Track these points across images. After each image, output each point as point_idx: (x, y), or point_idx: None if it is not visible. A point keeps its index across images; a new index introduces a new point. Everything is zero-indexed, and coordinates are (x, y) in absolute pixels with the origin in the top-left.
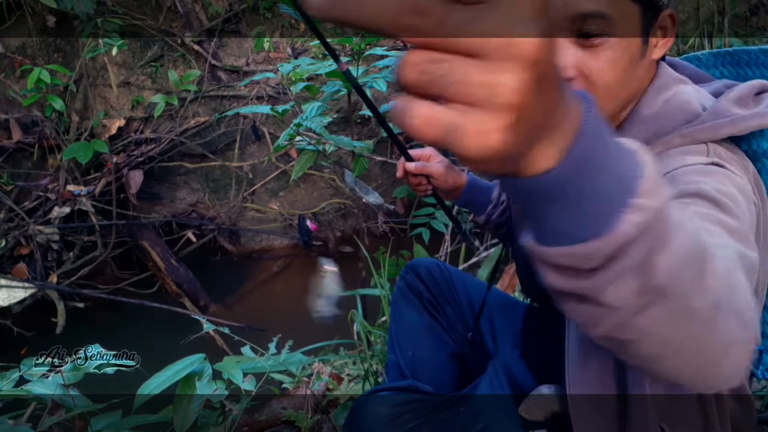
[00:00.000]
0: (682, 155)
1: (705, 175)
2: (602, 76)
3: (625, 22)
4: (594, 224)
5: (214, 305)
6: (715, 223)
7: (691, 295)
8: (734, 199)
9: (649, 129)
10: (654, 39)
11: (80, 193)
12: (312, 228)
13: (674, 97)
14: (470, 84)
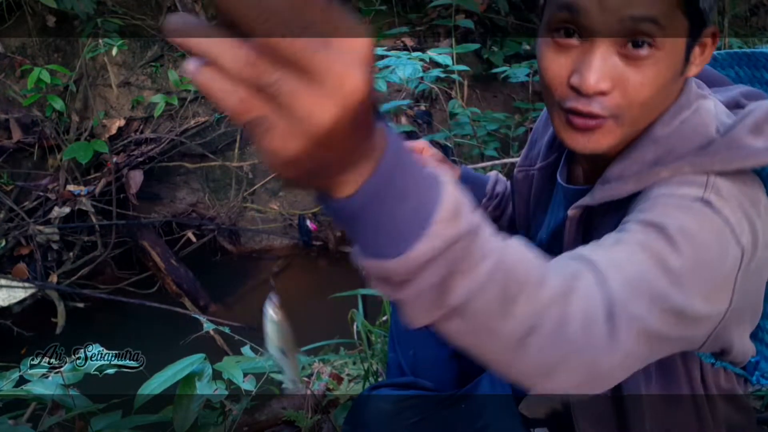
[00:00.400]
0: (678, 184)
1: (682, 211)
2: (641, 92)
3: (674, 32)
4: (393, 246)
5: (214, 305)
6: (652, 257)
7: (493, 318)
8: (698, 243)
9: (661, 149)
10: (694, 56)
11: (80, 193)
12: (312, 228)
13: (691, 118)
14: (293, 101)
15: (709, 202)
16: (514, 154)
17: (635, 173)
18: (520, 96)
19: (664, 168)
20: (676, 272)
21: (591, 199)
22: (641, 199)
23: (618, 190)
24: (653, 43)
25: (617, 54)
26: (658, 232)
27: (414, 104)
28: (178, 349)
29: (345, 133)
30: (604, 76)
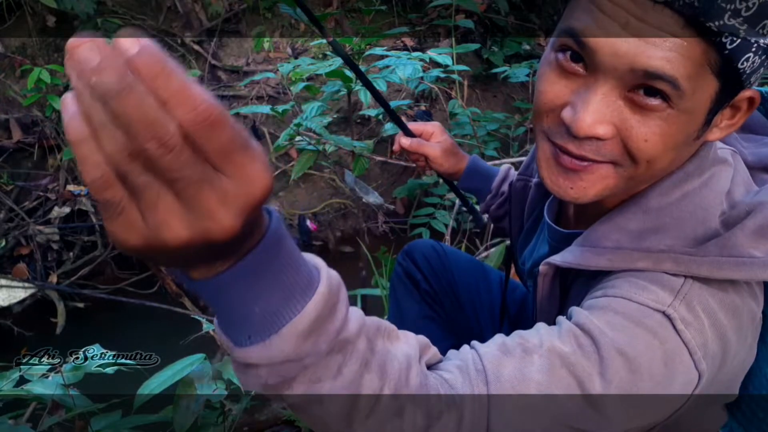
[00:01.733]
0: (649, 282)
1: (630, 327)
2: (644, 147)
3: (696, 97)
4: (237, 336)
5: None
6: (572, 375)
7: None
8: (635, 367)
9: (649, 223)
10: (720, 118)
11: (80, 193)
12: (312, 228)
13: (695, 194)
14: (151, 208)
15: (671, 318)
16: (514, 154)
17: (614, 247)
18: (520, 96)
19: (645, 256)
20: (594, 399)
21: (561, 260)
22: (607, 283)
23: (589, 261)
24: (669, 97)
25: (624, 98)
26: (592, 348)
27: (414, 104)
28: (178, 349)
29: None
30: (602, 119)
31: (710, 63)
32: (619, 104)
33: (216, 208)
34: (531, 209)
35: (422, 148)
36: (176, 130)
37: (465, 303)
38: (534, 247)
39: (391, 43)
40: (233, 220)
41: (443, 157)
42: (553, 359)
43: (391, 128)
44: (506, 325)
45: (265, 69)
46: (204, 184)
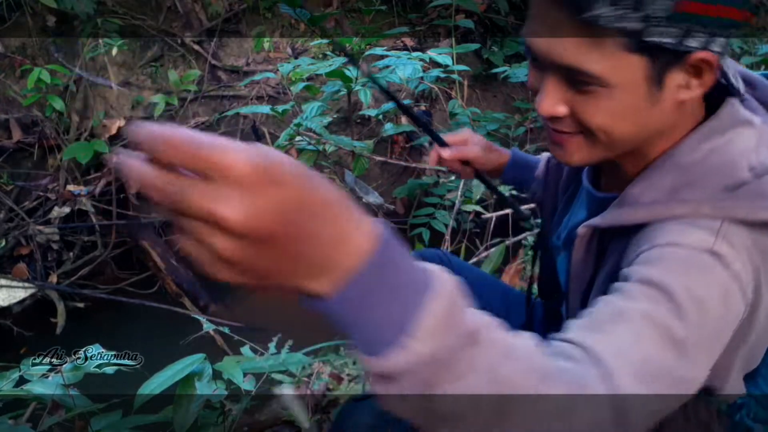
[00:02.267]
0: (688, 226)
1: (690, 270)
2: (592, 121)
3: (624, 75)
4: (370, 347)
5: (214, 305)
6: (658, 331)
7: (489, 427)
8: (705, 308)
9: (682, 178)
10: (681, 80)
11: (80, 193)
12: None
13: (722, 149)
14: (201, 240)
15: (719, 255)
16: None
17: (651, 202)
18: (520, 96)
19: (682, 204)
20: (682, 343)
21: (601, 220)
22: (650, 235)
23: (629, 216)
24: (597, 83)
25: (569, 82)
26: (664, 297)
27: (414, 104)
28: (178, 349)
29: (257, 254)
30: (556, 103)
31: (622, 44)
32: (566, 89)
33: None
34: (566, 184)
35: (464, 153)
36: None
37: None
38: (570, 219)
39: (391, 43)
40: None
41: (485, 156)
42: (636, 324)
43: (391, 128)
44: None
45: (265, 69)
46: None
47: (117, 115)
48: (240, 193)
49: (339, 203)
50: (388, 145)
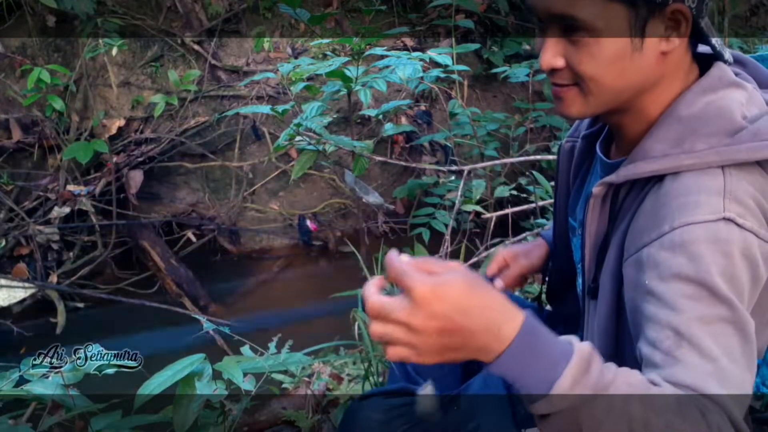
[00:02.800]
0: (694, 195)
1: (713, 251)
2: (585, 69)
3: (609, 23)
4: (529, 399)
5: (214, 305)
6: (716, 321)
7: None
8: (739, 282)
9: (684, 128)
10: (661, 31)
11: (80, 193)
12: (312, 228)
13: (717, 101)
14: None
15: (731, 219)
16: (514, 153)
17: (660, 155)
18: (520, 96)
19: (690, 155)
20: (740, 328)
21: (616, 176)
22: (663, 202)
23: (641, 168)
24: (587, 29)
25: (564, 37)
26: (706, 293)
27: (414, 104)
28: (178, 349)
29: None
30: (554, 56)
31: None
32: (562, 42)
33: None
34: (578, 165)
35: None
36: None
37: None
38: (585, 193)
39: (391, 43)
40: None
41: (530, 261)
42: (700, 332)
43: (391, 128)
44: None
45: (265, 69)
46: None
47: (117, 115)
48: (415, 306)
49: (492, 305)
50: (388, 145)
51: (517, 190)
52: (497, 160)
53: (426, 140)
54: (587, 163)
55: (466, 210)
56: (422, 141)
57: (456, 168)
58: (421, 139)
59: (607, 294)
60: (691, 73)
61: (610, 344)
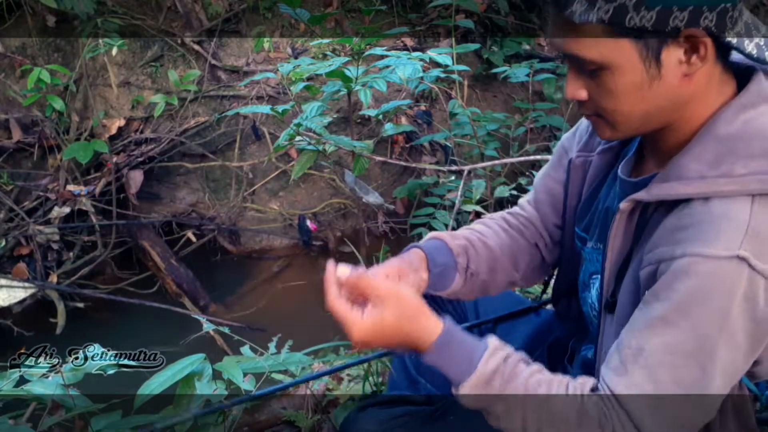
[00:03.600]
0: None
1: (712, 286)
2: (606, 104)
3: (619, 57)
4: (453, 384)
5: (214, 305)
6: (682, 353)
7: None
8: (730, 319)
9: (722, 148)
10: (680, 55)
11: (80, 193)
12: (312, 228)
13: (756, 119)
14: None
15: (745, 260)
16: (514, 153)
17: (697, 177)
18: (520, 96)
19: (728, 179)
20: (706, 359)
21: (647, 194)
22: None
23: (676, 190)
24: (598, 66)
25: (585, 72)
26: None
27: (414, 104)
28: (178, 349)
29: (373, 344)
30: (577, 89)
31: (607, 31)
32: (583, 77)
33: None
34: (592, 179)
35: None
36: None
37: (468, 309)
38: (596, 205)
39: (391, 43)
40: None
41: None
42: (656, 355)
43: (391, 128)
44: (544, 353)
45: (265, 69)
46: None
47: (117, 115)
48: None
49: (419, 314)
50: (388, 145)
51: (517, 190)
52: (497, 160)
53: (426, 140)
54: (600, 180)
55: (466, 210)
56: (422, 141)
57: (456, 168)
58: (421, 139)
59: (625, 309)
60: (726, 86)
61: None
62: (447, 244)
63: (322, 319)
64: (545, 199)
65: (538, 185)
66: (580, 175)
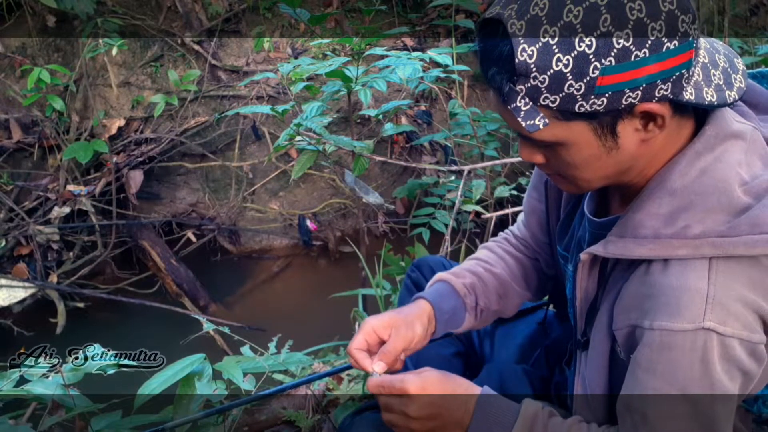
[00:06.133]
0: (679, 296)
1: (689, 358)
2: (564, 169)
3: (572, 135)
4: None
5: (214, 305)
6: (682, 417)
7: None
8: (716, 381)
9: (678, 202)
10: (636, 125)
11: (80, 193)
12: (312, 228)
13: (712, 169)
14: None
15: (711, 329)
16: (514, 153)
17: (652, 235)
18: None
19: (682, 241)
20: (707, 417)
21: (603, 251)
22: (644, 275)
23: (630, 251)
24: (553, 143)
25: (540, 145)
26: (683, 400)
27: (414, 104)
28: (178, 349)
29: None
30: (532, 154)
31: (558, 117)
32: (538, 147)
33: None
34: (567, 200)
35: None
36: None
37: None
38: (572, 233)
39: (391, 43)
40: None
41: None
42: (658, 423)
43: (391, 128)
44: (542, 354)
45: (265, 69)
46: None
47: (117, 115)
48: (410, 399)
49: (459, 389)
50: (388, 145)
51: (517, 190)
52: (497, 160)
53: (426, 140)
54: (574, 201)
55: (466, 210)
56: (422, 141)
57: (456, 168)
58: (421, 139)
59: (598, 349)
60: (684, 128)
61: (602, 389)
62: (453, 287)
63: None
64: (532, 219)
65: (525, 205)
66: (556, 194)
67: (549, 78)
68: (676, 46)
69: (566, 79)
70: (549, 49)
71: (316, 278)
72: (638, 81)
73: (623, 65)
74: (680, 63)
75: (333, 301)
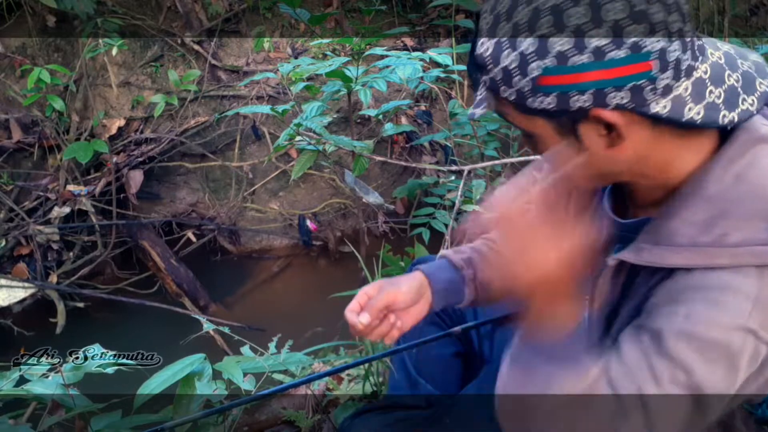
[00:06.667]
0: (721, 295)
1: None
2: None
3: (534, 128)
4: None
5: (214, 305)
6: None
7: None
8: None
9: (714, 209)
10: (599, 130)
11: (80, 193)
12: (312, 228)
13: (747, 173)
14: None
15: (752, 331)
16: (514, 153)
17: (689, 243)
18: None
19: (722, 250)
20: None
21: (635, 257)
22: (680, 280)
23: (667, 259)
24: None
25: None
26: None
27: (414, 104)
28: (178, 349)
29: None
30: (525, 143)
31: (520, 110)
32: None
33: None
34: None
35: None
36: None
37: (468, 312)
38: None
39: (391, 43)
40: None
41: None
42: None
43: (391, 128)
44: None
45: (265, 69)
46: None
47: (117, 115)
48: None
49: None
50: (388, 145)
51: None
52: (497, 160)
53: (426, 140)
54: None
55: (466, 210)
56: (422, 141)
57: (456, 168)
58: (421, 139)
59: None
60: (705, 138)
61: None
62: (450, 260)
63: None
64: None
65: None
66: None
67: (501, 72)
68: (621, 56)
69: (513, 74)
70: (500, 45)
71: (315, 278)
72: (583, 86)
73: (562, 68)
74: (632, 73)
75: (333, 301)
